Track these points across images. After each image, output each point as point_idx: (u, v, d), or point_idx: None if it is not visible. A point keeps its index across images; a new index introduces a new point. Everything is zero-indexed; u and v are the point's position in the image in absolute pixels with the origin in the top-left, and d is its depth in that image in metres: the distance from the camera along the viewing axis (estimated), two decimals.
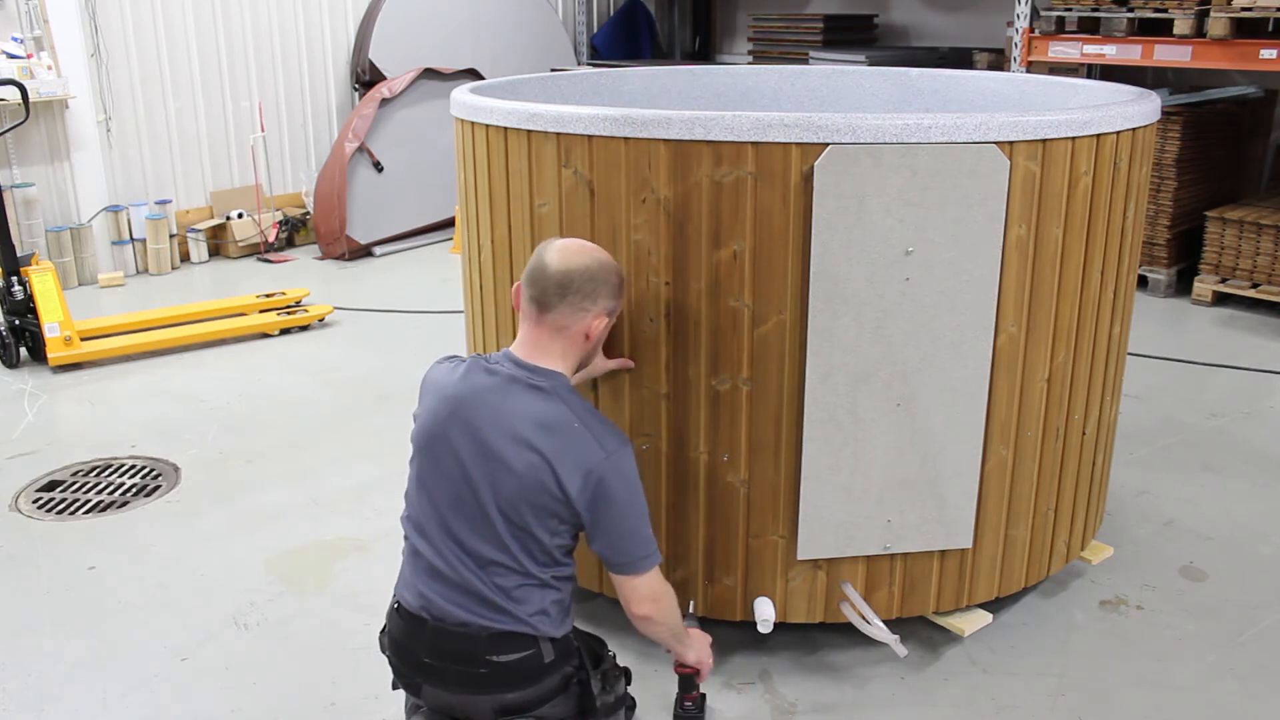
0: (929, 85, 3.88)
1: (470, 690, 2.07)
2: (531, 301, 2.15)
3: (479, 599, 2.07)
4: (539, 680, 2.10)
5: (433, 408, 2.14)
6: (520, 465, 2.04)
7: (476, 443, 2.07)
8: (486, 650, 2.05)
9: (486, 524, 2.07)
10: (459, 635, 2.06)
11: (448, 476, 2.09)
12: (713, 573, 2.73)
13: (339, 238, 7.11)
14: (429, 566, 2.12)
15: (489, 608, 2.07)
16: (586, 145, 2.51)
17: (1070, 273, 2.66)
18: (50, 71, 6.21)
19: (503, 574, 2.07)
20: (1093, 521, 3.15)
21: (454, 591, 2.08)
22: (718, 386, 2.57)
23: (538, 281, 2.13)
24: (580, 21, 9.25)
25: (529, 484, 2.04)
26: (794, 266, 2.45)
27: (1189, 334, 5.56)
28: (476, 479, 2.07)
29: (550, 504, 2.06)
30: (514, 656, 2.06)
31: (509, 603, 2.07)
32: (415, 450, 2.16)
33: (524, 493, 2.04)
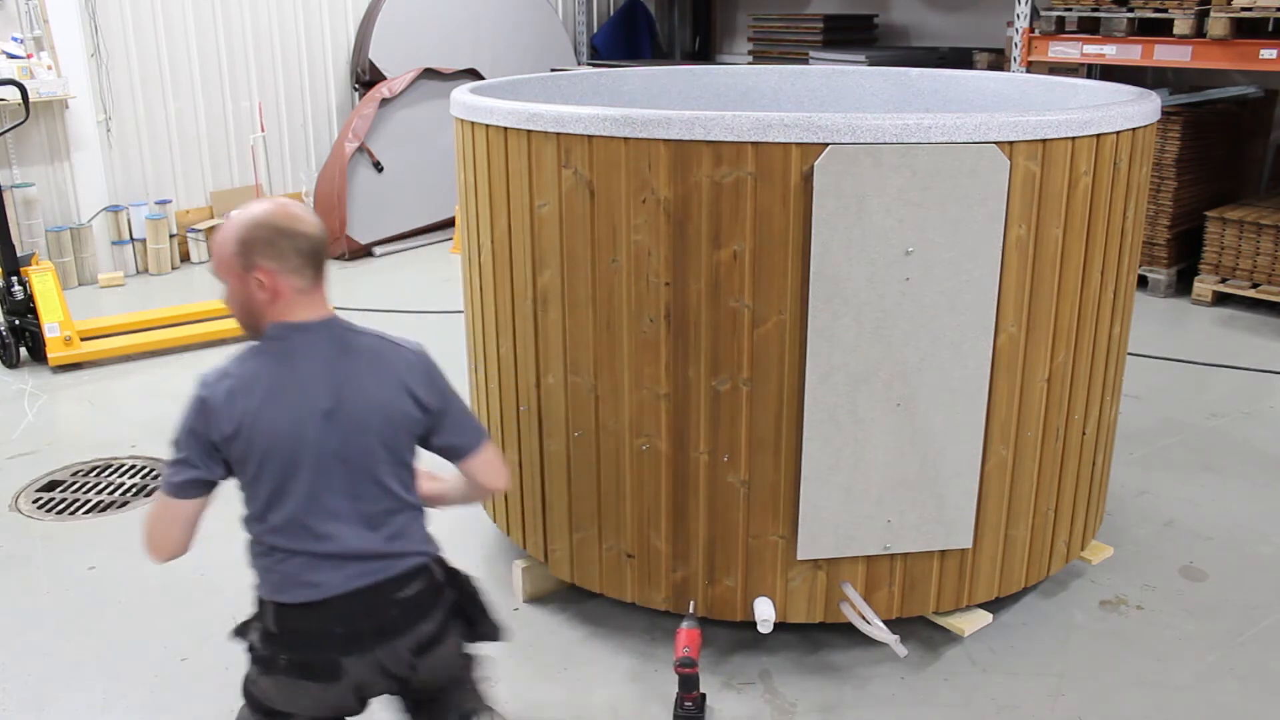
0: (929, 85, 3.88)
1: (387, 638, 2.04)
2: (312, 266, 2.03)
3: (377, 556, 2.04)
4: (439, 601, 2.10)
5: (255, 408, 2.00)
6: (380, 405, 2.02)
7: (317, 416, 2.00)
8: (391, 591, 2.04)
9: (368, 481, 2.03)
10: (364, 593, 2.03)
11: (297, 463, 2.00)
12: (713, 573, 2.73)
13: (339, 238, 7.11)
14: (315, 558, 2.03)
15: (388, 558, 2.05)
16: (586, 145, 2.51)
17: (1070, 273, 2.66)
18: (50, 71, 6.21)
19: (391, 518, 2.07)
20: (1093, 521, 3.15)
21: (352, 563, 2.03)
22: (718, 387, 2.57)
23: (307, 248, 2.01)
24: (580, 21, 9.25)
25: (391, 418, 2.03)
26: (794, 266, 2.45)
27: (1189, 334, 5.56)
28: (328, 449, 2.00)
29: (411, 424, 2.06)
30: (415, 589, 2.06)
31: (402, 542, 2.07)
32: (260, 463, 2.02)
33: (389, 429, 2.03)
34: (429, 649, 2.09)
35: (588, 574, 2.88)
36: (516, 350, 2.87)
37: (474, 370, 3.18)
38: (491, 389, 3.04)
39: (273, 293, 2.00)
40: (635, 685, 2.73)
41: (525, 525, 3.04)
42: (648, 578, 2.80)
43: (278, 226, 2.00)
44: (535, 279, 2.73)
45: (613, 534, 2.80)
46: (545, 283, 2.71)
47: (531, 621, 3.02)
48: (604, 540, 2.83)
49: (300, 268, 1.99)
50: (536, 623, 3.01)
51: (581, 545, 2.87)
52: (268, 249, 2.00)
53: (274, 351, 2.02)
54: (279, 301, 2.01)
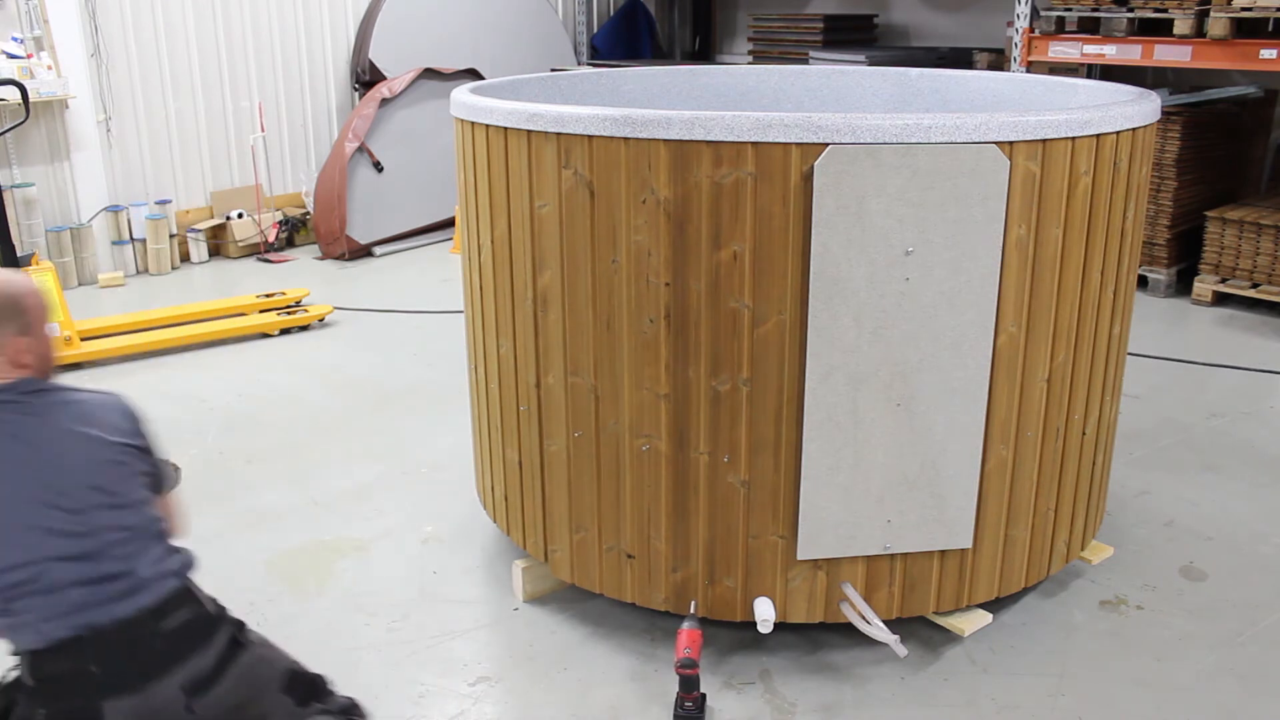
0: (929, 85, 3.88)
1: (154, 677, 1.92)
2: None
3: (117, 587, 1.96)
4: (214, 634, 2.00)
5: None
6: (94, 449, 2.02)
7: (29, 464, 1.98)
8: (152, 622, 1.95)
9: (78, 518, 1.97)
10: (121, 628, 1.94)
11: (21, 511, 1.96)
12: (713, 573, 2.73)
13: (339, 238, 7.11)
14: (54, 600, 1.95)
15: (131, 589, 1.96)
16: (586, 145, 2.52)
17: (1070, 273, 2.66)
18: (50, 71, 6.21)
19: (116, 547, 1.98)
20: (1093, 521, 3.15)
21: (96, 598, 1.95)
22: (718, 387, 2.57)
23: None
24: (580, 21, 9.25)
25: (109, 458, 2.03)
26: (794, 266, 2.45)
27: (1189, 334, 5.56)
28: (51, 491, 1.96)
29: (134, 462, 2.08)
30: (180, 618, 1.98)
31: (140, 569, 1.98)
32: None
33: (112, 466, 2.03)
34: (212, 682, 1.97)
35: (588, 574, 2.88)
36: (516, 350, 2.87)
37: (474, 370, 3.18)
38: (491, 389, 3.04)
39: None
40: (635, 685, 2.74)
41: (525, 525, 3.04)
42: (648, 578, 2.80)
43: None
44: (535, 279, 2.73)
45: (613, 534, 2.81)
46: (545, 283, 2.71)
47: (531, 621, 3.02)
48: (604, 540, 2.83)
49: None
50: (536, 623, 3.01)
51: (581, 545, 2.87)
52: None
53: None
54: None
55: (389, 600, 3.13)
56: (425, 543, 3.45)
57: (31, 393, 2.06)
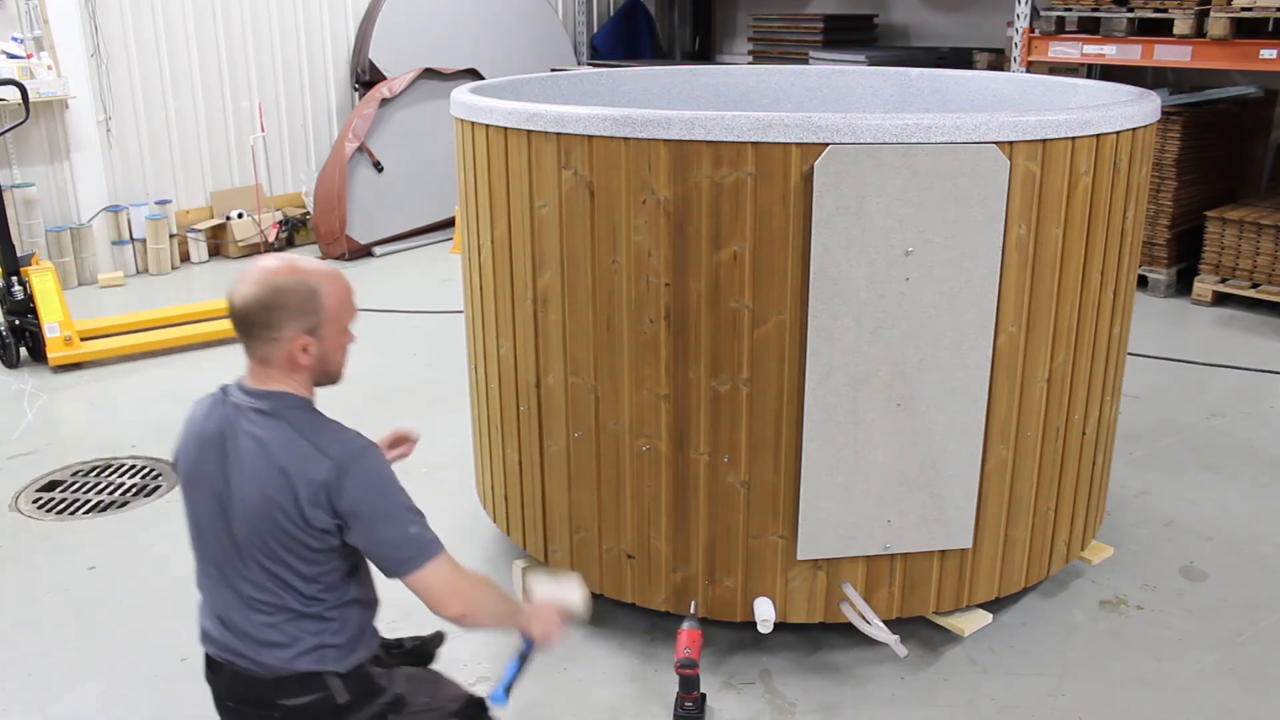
0: (929, 85, 3.88)
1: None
2: (241, 342, 2.01)
3: (253, 641, 1.94)
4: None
5: (182, 447, 2.02)
6: (255, 497, 1.91)
7: (218, 480, 1.95)
8: (275, 694, 1.93)
9: (242, 561, 1.95)
10: (247, 679, 1.94)
11: (204, 517, 1.98)
12: (713, 573, 2.73)
13: (339, 238, 7.11)
14: (210, 607, 2.00)
15: (264, 648, 1.94)
16: (586, 146, 2.51)
17: (1070, 273, 2.66)
18: (50, 71, 6.20)
19: (268, 612, 1.94)
20: (1093, 521, 3.15)
21: (231, 634, 1.96)
22: (718, 388, 2.57)
23: (231, 317, 1.97)
24: (580, 21, 9.25)
25: (266, 514, 1.91)
26: (794, 266, 2.45)
27: (1189, 334, 5.56)
28: (225, 517, 1.95)
29: (293, 530, 1.91)
30: (303, 700, 1.93)
31: (282, 643, 1.94)
32: (181, 490, 2.04)
33: (264, 524, 1.91)
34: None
35: (588, 574, 2.88)
36: (516, 350, 2.87)
37: (474, 370, 3.18)
38: (491, 389, 3.04)
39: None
40: (635, 685, 2.73)
41: (525, 525, 3.04)
42: (648, 578, 2.80)
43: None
44: (535, 279, 2.73)
45: (613, 534, 2.80)
46: (545, 283, 2.71)
47: None
48: (604, 540, 2.83)
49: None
50: None
51: (581, 545, 2.87)
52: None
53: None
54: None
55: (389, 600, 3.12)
56: None
57: (288, 408, 1.98)
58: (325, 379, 2.08)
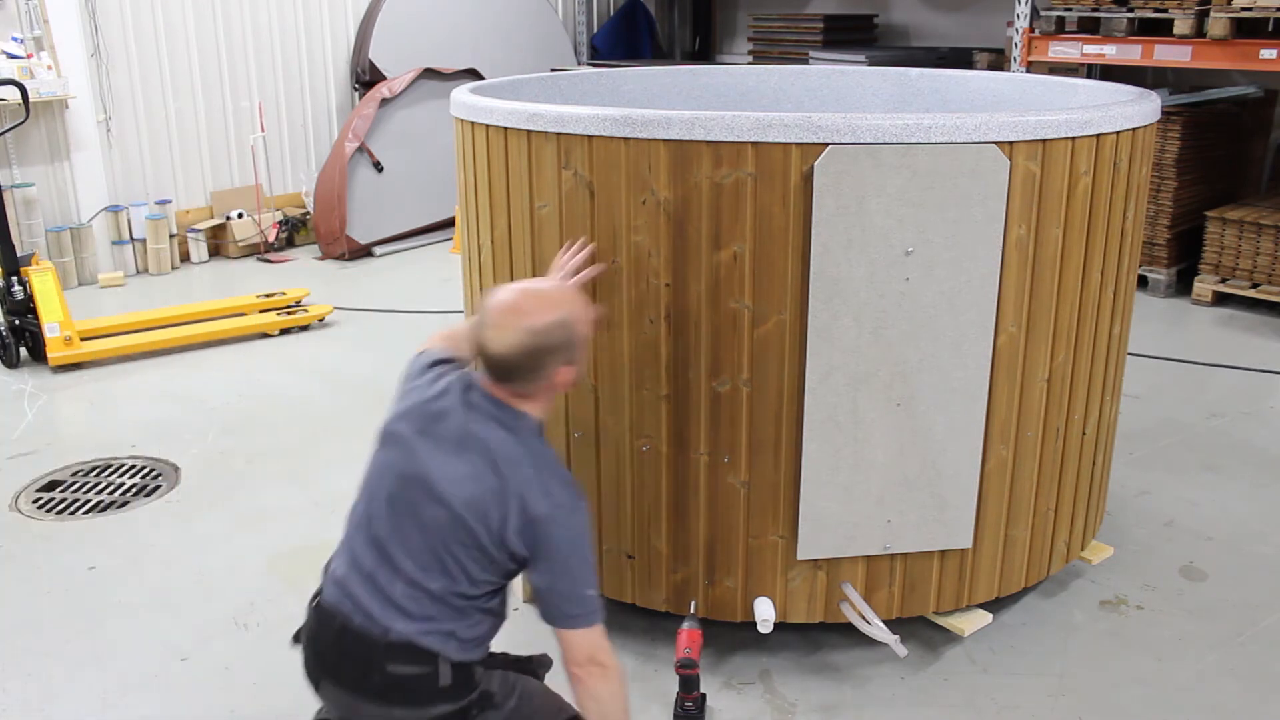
0: (929, 85, 3.88)
1: (362, 697, 2.00)
2: (488, 375, 2.08)
3: (391, 604, 2.00)
4: (430, 704, 2.01)
5: (402, 413, 2.09)
6: (463, 496, 1.98)
7: (428, 461, 2.02)
8: (384, 658, 1.98)
9: (416, 541, 2.02)
10: (361, 636, 1.99)
11: (394, 483, 2.05)
12: (713, 574, 2.73)
13: (339, 238, 7.11)
14: (355, 562, 2.07)
15: (397, 614, 2.00)
16: (586, 146, 2.51)
17: (1070, 273, 2.66)
18: (50, 71, 6.21)
19: (417, 587, 2.01)
20: (1093, 521, 3.15)
21: (369, 593, 2.02)
22: (718, 388, 2.57)
23: (484, 359, 2.05)
24: (580, 21, 9.25)
25: (468, 517, 1.98)
26: (794, 266, 2.45)
27: (1189, 334, 5.56)
28: (416, 494, 2.02)
29: (485, 541, 1.99)
30: (408, 670, 1.98)
31: (418, 615, 2.00)
32: (378, 442, 2.11)
33: (460, 523, 1.99)
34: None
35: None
36: None
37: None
38: None
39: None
40: (635, 685, 2.73)
41: None
42: (648, 578, 2.80)
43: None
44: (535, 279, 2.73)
45: (613, 534, 2.80)
46: None
47: (531, 621, 3.01)
48: (604, 541, 2.83)
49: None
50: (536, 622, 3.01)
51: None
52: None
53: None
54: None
55: None
56: None
57: (530, 433, 2.05)
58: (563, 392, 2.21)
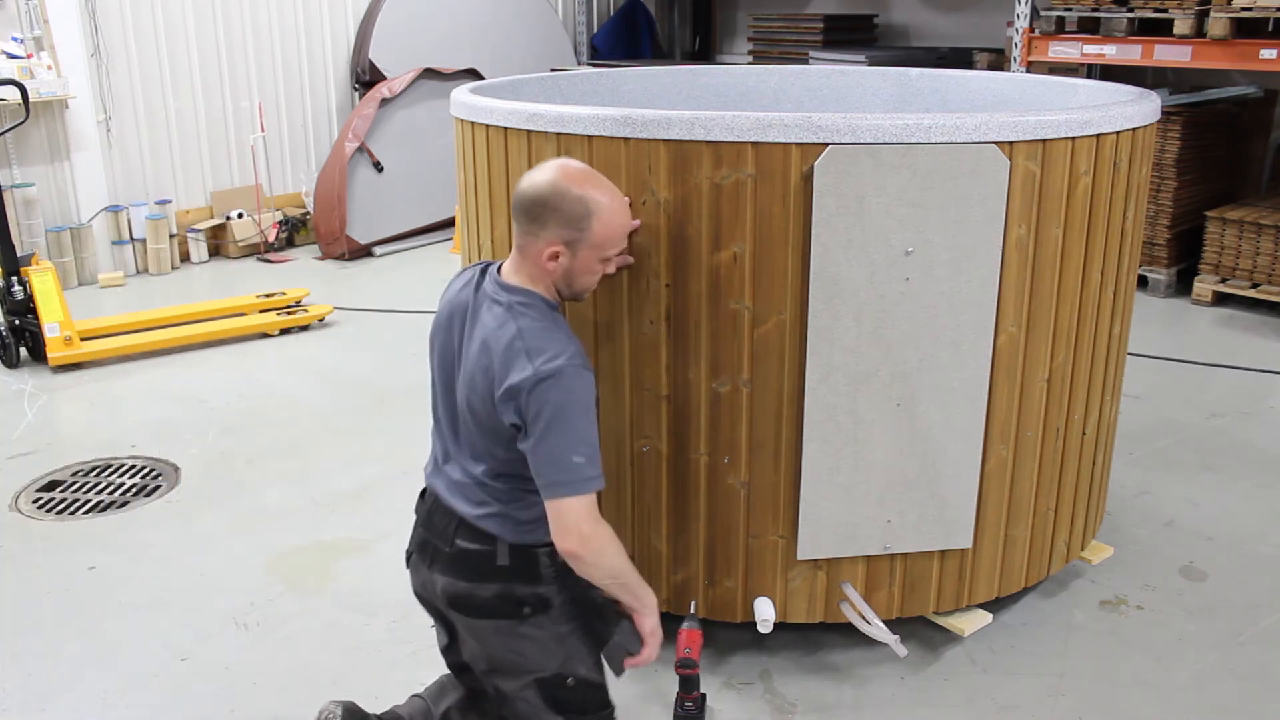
0: (929, 85, 3.88)
1: (436, 568, 2.16)
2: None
3: (454, 487, 2.17)
4: (486, 579, 2.12)
5: (438, 313, 2.24)
6: (472, 380, 2.10)
7: (456, 352, 2.17)
8: (456, 532, 2.13)
9: (463, 427, 2.16)
10: (445, 511, 2.17)
11: (440, 377, 2.21)
12: (713, 574, 2.73)
13: (339, 238, 7.11)
14: (436, 449, 2.26)
15: (458, 497, 2.15)
16: (586, 146, 2.51)
17: (1070, 273, 2.66)
18: (50, 71, 6.21)
19: (466, 472, 2.16)
20: (1093, 521, 3.15)
21: (444, 481, 2.20)
22: (718, 389, 2.57)
23: (513, 201, 2.14)
24: (580, 21, 9.25)
25: (478, 398, 2.09)
26: (794, 266, 2.45)
27: (1189, 334, 5.56)
28: (454, 385, 2.17)
29: (487, 418, 2.08)
30: (471, 546, 2.12)
31: (475, 500, 2.14)
32: (429, 346, 2.27)
33: (475, 406, 2.10)
34: (462, 609, 2.14)
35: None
36: None
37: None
38: None
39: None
40: (635, 685, 2.73)
41: None
42: (647, 579, 2.79)
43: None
44: None
45: None
46: None
47: None
48: None
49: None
50: None
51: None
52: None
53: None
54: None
55: (389, 600, 3.14)
56: None
57: (523, 308, 2.09)
58: (568, 294, 2.21)
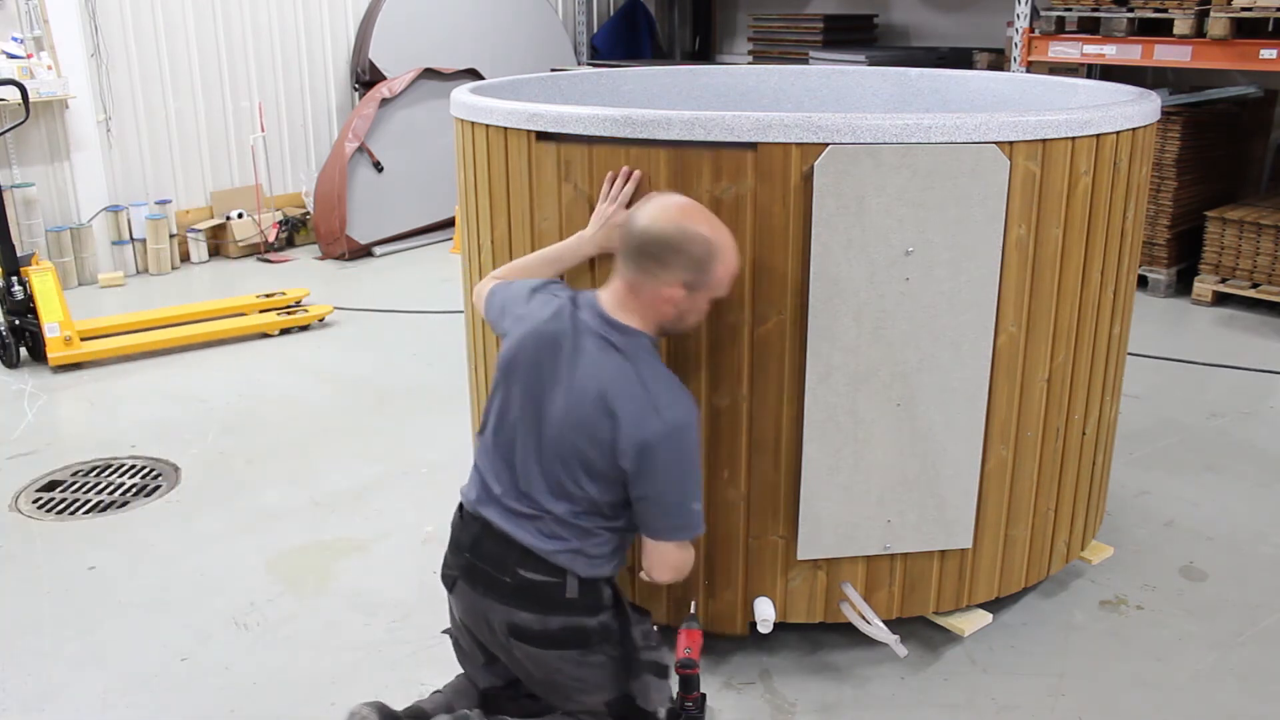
0: (929, 85, 3.88)
1: (492, 596, 2.14)
2: (619, 254, 2.17)
3: (525, 518, 2.14)
4: (553, 611, 2.13)
5: (521, 339, 2.19)
6: (575, 417, 2.08)
7: (548, 387, 2.13)
8: (518, 562, 2.11)
9: (543, 463, 2.14)
10: (500, 539, 2.13)
11: (520, 407, 2.17)
12: (713, 587, 2.73)
13: (339, 238, 7.11)
14: (490, 478, 2.21)
15: (531, 529, 2.13)
16: (586, 155, 2.51)
17: (1070, 273, 2.66)
18: (50, 71, 6.21)
19: (546, 515, 2.13)
20: (1093, 521, 3.15)
21: (502, 508, 2.16)
22: (718, 403, 2.56)
23: (625, 237, 2.15)
24: (580, 21, 9.25)
25: (584, 440, 2.08)
26: (794, 266, 2.45)
27: (1189, 334, 5.56)
28: (541, 419, 2.13)
29: (599, 463, 2.09)
30: (538, 577, 2.11)
31: (550, 531, 2.13)
32: (499, 372, 2.23)
33: (578, 446, 2.09)
34: (528, 639, 2.14)
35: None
36: None
37: (474, 370, 3.18)
38: None
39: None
40: None
41: None
42: (648, 590, 2.79)
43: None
44: None
45: None
46: None
47: None
48: None
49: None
50: None
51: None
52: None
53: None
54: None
55: (389, 600, 3.13)
56: (425, 543, 3.44)
57: (639, 349, 2.13)
58: (674, 331, 2.24)
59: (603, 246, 2.44)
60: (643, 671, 2.26)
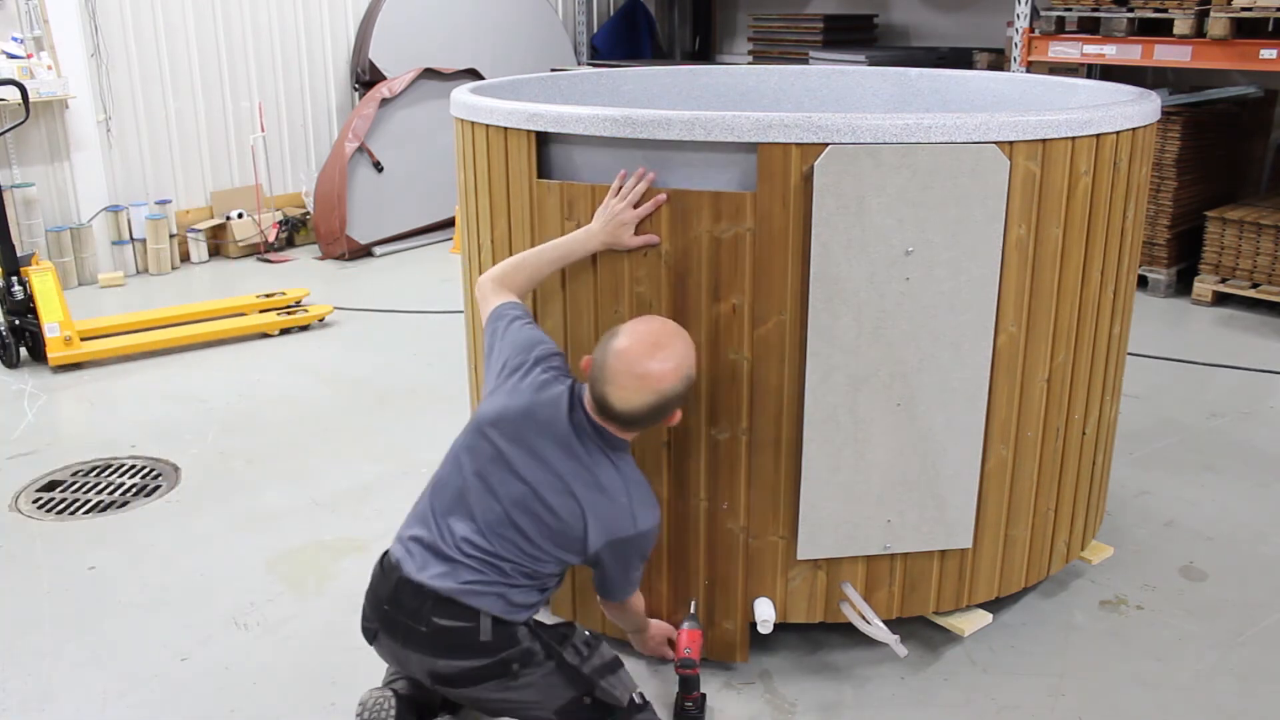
0: (929, 85, 3.88)
1: (411, 647, 2.19)
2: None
3: (448, 564, 2.20)
4: (470, 655, 2.18)
5: (507, 406, 2.27)
6: (562, 512, 2.21)
7: (523, 459, 2.22)
8: (432, 611, 2.16)
9: (496, 527, 2.22)
10: (415, 589, 2.18)
11: (484, 465, 2.24)
12: (713, 617, 2.73)
13: (339, 238, 7.11)
14: (421, 525, 2.27)
15: (451, 576, 2.18)
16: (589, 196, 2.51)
17: (1070, 273, 2.66)
18: (50, 71, 6.21)
19: (478, 556, 2.20)
20: (1093, 521, 3.15)
21: (430, 553, 2.22)
22: (717, 436, 2.56)
23: (606, 411, 2.23)
24: (580, 21, 9.25)
25: (556, 524, 2.21)
26: (794, 267, 2.45)
27: (1189, 334, 5.56)
28: (506, 483, 2.22)
29: (566, 545, 2.23)
30: (452, 624, 2.16)
31: (471, 580, 2.19)
32: (473, 423, 2.29)
33: (547, 526, 2.21)
34: (449, 683, 2.21)
35: (589, 616, 2.85)
36: None
37: (474, 370, 3.18)
38: None
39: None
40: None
41: None
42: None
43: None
44: None
45: None
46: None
47: None
48: None
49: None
50: None
51: (583, 590, 2.84)
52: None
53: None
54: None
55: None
56: None
57: (626, 461, 2.30)
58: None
59: (607, 243, 2.45)
60: (595, 681, 2.30)
